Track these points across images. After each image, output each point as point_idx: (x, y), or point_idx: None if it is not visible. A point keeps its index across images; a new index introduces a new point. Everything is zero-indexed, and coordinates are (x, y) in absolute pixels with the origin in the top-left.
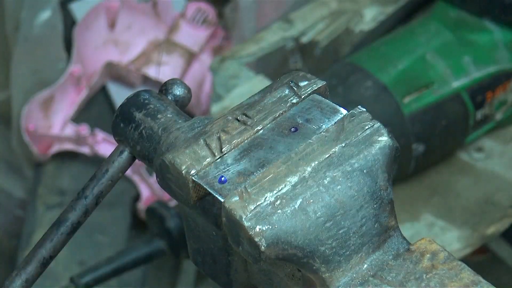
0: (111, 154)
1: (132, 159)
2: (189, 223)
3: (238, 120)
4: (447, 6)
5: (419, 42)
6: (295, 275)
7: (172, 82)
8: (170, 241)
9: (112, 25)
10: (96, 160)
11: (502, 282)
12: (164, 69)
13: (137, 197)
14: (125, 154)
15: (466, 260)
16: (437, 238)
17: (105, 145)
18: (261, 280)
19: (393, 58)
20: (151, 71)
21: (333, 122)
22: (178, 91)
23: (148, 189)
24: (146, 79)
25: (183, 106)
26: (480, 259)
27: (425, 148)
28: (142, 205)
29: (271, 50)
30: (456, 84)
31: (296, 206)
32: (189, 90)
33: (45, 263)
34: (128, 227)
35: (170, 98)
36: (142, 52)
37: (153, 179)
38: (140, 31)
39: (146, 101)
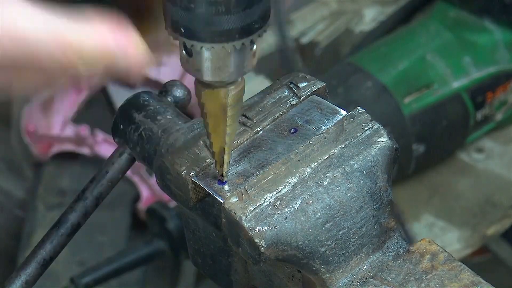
0: (110, 155)
1: (131, 160)
2: (189, 224)
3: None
4: (447, 6)
5: (419, 42)
6: (295, 276)
7: (172, 83)
8: (170, 242)
9: None
10: (96, 161)
11: (502, 283)
12: (164, 70)
13: (137, 197)
14: (125, 156)
15: (466, 260)
16: (437, 239)
17: (105, 146)
18: (261, 281)
19: (393, 59)
20: (151, 72)
21: (332, 123)
22: (178, 92)
23: (148, 190)
24: (146, 80)
25: (183, 108)
26: (480, 259)
27: (425, 149)
28: (142, 206)
29: (271, 51)
30: (456, 84)
31: (296, 207)
32: (189, 91)
33: (45, 264)
34: (128, 227)
35: (170, 100)
36: None
37: (153, 180)
38: None
39: (146, 103)
